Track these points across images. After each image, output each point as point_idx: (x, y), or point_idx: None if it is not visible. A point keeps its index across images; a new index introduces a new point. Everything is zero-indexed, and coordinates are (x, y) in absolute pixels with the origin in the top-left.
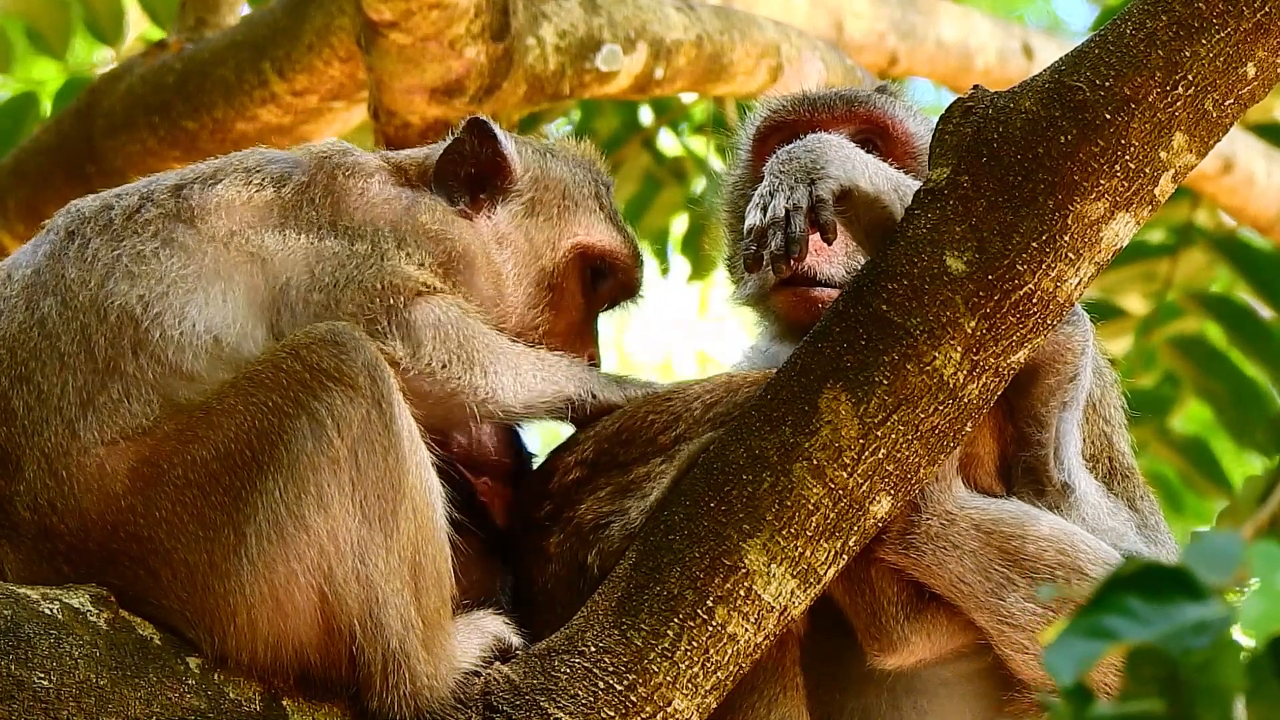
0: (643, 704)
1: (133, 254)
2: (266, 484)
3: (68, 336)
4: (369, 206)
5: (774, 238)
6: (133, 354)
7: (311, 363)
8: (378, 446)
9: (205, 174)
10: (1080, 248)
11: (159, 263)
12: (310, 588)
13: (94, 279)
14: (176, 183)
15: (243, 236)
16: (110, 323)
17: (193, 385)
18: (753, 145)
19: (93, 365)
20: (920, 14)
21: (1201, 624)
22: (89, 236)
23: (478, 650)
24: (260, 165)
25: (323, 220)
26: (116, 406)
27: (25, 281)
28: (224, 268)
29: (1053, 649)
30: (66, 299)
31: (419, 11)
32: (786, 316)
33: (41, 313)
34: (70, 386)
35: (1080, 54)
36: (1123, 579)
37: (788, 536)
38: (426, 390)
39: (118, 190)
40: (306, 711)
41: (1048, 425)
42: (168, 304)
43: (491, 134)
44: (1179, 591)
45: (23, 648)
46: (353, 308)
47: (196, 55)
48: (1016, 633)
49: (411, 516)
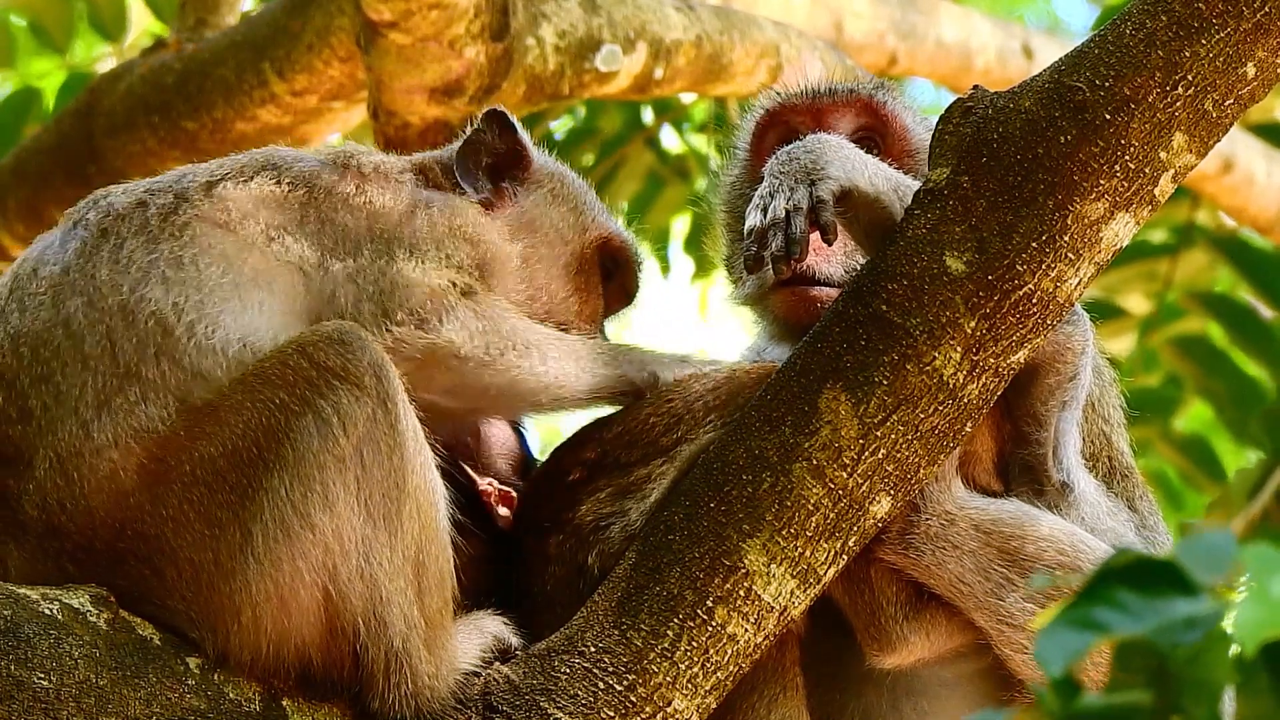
0: (642, 704)
1: (170, 259)
2: (272, 482)
3: (92, 339)
4: (405, 211)
5: (774, 239)
6: (155, 360)
7: (318, 361)
8: (383, 446)
9: (235, 169)
10: (1080, 248)
11: (197, 270)
12: (315, 586)
13: (127, 282)
14: (209, 179)
15: (281, 244)
16: (139, 328)
17: (209, 387)
18: (751, 141)
19: (114, 368)
20: (920, 14)
21: (1192, 619)
22: (124, 236)
23: (478, 650)
24: (289, 163)
25: (360, 225)
26: (132, 409)
27: (53, 279)
28: (263, 277)
29: (1043, 639)
30: (94, 300)
31: (419, 11)
32: (786, 316)
33: (68, 313)
34: (89, 388)
35: (1080, 54)
36: (1114, 572)
37: (787, 537)
38: (488, 383)
39: (149, 184)
40: (306, 711)
41: (1047, 425)
42: (203, 311)
43: (511, 125)
44: (1170, 586)
45: (23, 648)
46: (404, 314)
47: (196, 55)
48: (1016, 633)
49: (415, 516)
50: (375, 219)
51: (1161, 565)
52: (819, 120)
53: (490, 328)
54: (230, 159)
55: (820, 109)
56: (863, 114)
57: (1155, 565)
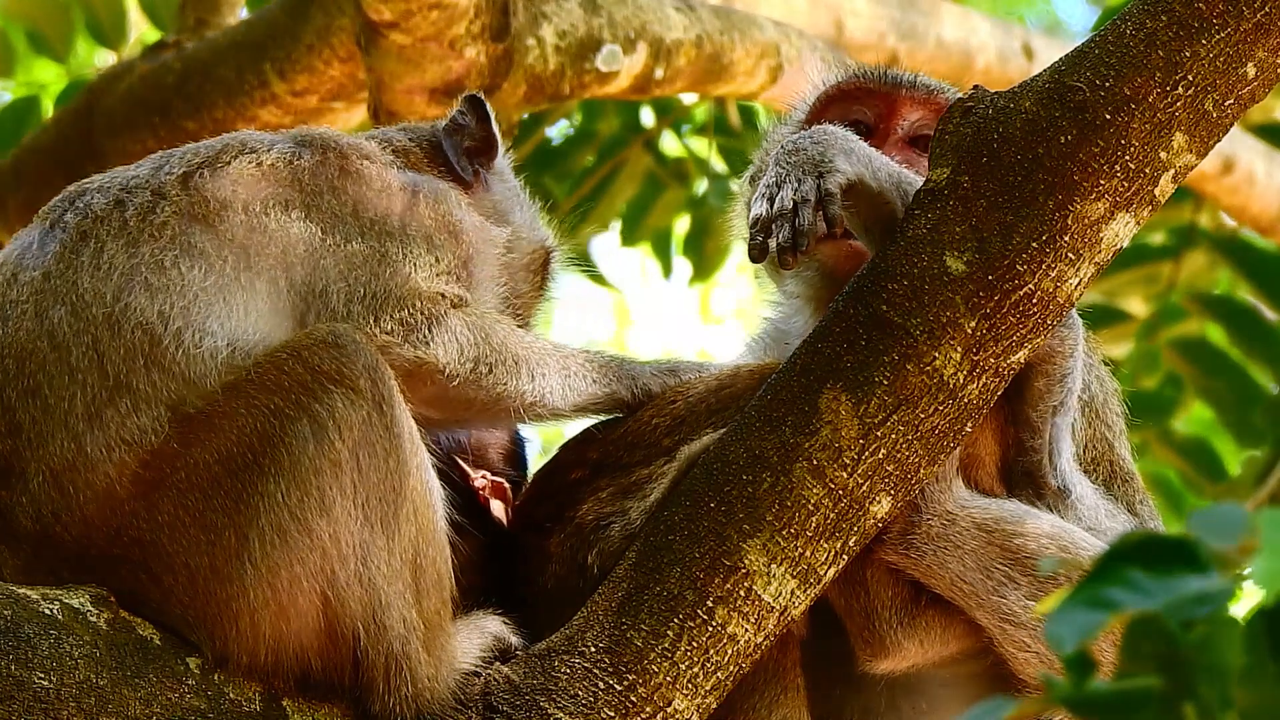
0: (643, 704)
1: (151, 264)
2: (268, 487)
3: (78, 350)
4: (391, 198)
5: (780, 230)
6: (145, 370)
7: (313, 365)
8: (379, 449)
9: (210, 157)
10: (1080, 248)
11: (179, 274)
12: (313, 591)
13: (110, 290)
14: (185, 171)
15: (264, 234)
16: (125, 338)
17: (202, 394)
18: (811, 112)
19: (103, 380)
20: (921, 14)
21: (1204, 595)
22: (103, 240)
23: (478, 650)
24: (267, 145)
25: (346, 213)
26: (124, 421)
27: (34, 286)
28: (246, 276)
29: (1054, 619)
30: (78, 310)
31: (419, 12)
32: (834, 268)
33: (51, 323)
34: (79, 400)
35: (1080, 54)
36: (1124, 551)
37: (788, 537)
38: (472, 397)
39: (124, 178)
40: (306, 712)
41: (1040, 430)
42: (189, 319)
43: (487, 114)
44: (1181, 563)
45: (23, 648)
46: (393, 323)
47: (196, 55)
48: (1018, 631)
49: (413, 518)
50: (363, 206)
51: (1172, 543)
52: (887, 107)
53: (480, 340)
54: (205, 144)
55: (894, 98)
56: (933, 113)
57: (1165, 543)
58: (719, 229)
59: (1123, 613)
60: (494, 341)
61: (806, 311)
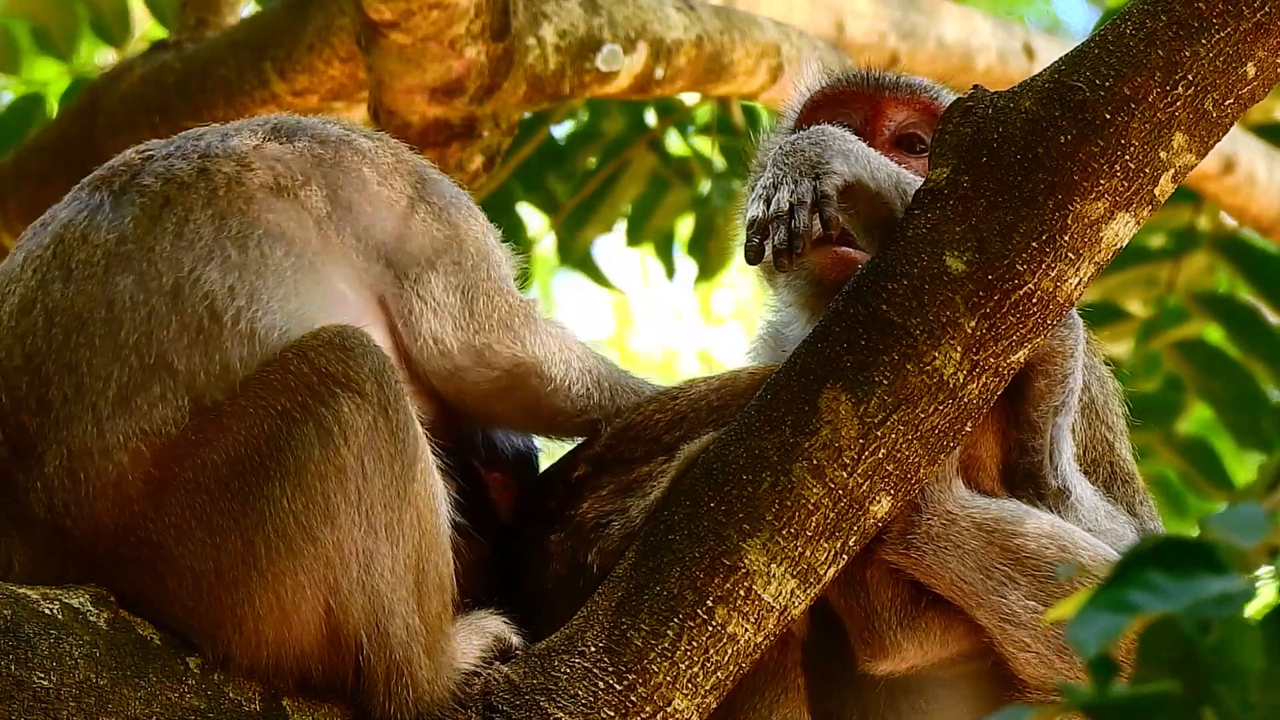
0: (642, 704)
1: (236, 237)
2: (274, 492)
3: (130, 324)
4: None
5: (777, 232)
6: (189, 350)
7: (319, 366)
8: (384, 454)
9: (285, 129)
10: (1080, 247)
11: (260, 252)
12: (316, 599)
13: (188, 260)
14: (259, 141)
15: (348, 220)
16: (185, 311)
17: (228, 384)
18: (800, 114)
19: (142, 360)
20: (921, 14)
21: (1224, 596)
22: (190, 208)
23: (478, 650)
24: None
25: (417, 195)
26: (150, 409)
27: (108, 248)
28: (321, 259)
29: (1076, 622)
30: (146, 279)
31: (419, 11)
32: (823, 275)
33: (114, 290)
34: (114, 381)
35: (1080, 54)
36: (1144, 554)
37: (788, 536)
38: (559, 407)
39: (201, 143)
40: (306, 712)
41: (1041, 431)
42: (255, 297)
43: None
44: (1201, 565)
45: (23, 648)
46: (493, 320)
47: (197, 55)
48: (1019, 630)
49: (416, 524)
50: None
51: (1192, 545)
52: (873, 109)
53: (577, 357)
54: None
55: (878, 99)
56: (919, 113)
57: (1185, 545)
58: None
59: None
60: (579, 350)
61: (802, 318)
